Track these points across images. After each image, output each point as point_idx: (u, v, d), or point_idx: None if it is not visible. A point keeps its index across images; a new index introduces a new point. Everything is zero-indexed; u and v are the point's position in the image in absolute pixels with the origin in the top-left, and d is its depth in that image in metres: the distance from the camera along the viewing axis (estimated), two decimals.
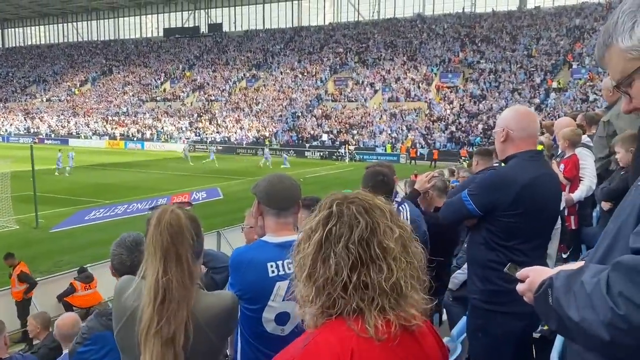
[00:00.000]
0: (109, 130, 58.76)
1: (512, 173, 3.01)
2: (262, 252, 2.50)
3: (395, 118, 47.55)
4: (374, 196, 1.46)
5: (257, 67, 64.09)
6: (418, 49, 57.42)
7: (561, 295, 1.28)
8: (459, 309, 4.87)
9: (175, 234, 1.92)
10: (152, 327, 1.87)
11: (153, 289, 1.90)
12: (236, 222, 14.16)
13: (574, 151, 5.23)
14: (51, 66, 79.74)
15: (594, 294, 1.20)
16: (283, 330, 2.50)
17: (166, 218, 1.94)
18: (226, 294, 2.18)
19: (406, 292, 1.37)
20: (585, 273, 1.26)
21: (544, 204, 3.01)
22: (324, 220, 1.38)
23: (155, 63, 72.55)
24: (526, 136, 3.06)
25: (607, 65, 1.45)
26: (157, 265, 1.91)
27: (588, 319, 1.19)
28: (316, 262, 1.36)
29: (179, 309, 1.90)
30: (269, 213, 2.59)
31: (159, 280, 1.89)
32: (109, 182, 28.05)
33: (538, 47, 50.90)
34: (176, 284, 1.90)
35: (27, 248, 14.68)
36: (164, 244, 1.92)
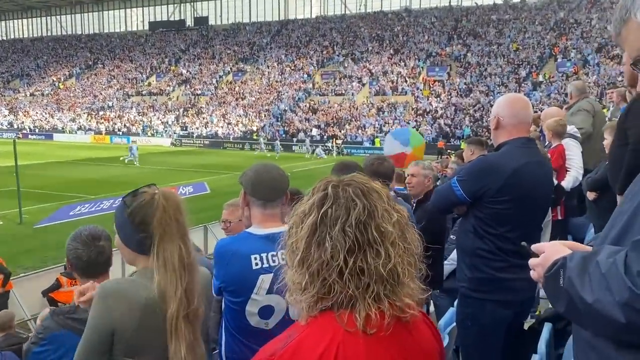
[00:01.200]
0: (94, 125, 58.17)
1: (501, 160, 3.00)
2: (246, 244, 2.46)
3: (382, 112, 47.58)
4: (370, 179, 1.40)
5: (243, 61, 63.77)
6: (405, 42, 57.47)
7: (574, 275, 1.23)
8: (446, 300, 4.87)
9: (182, 214, 1.96)
10: (182, 311, 1.86)
11: (179, 272, 1.89)
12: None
13: (559, 141, 5.25)
14: (35, 60, 78.66)
15: (610, 274, 1.16)
16: (267, 324, 2.47)
17: (172, 199, 1.96)
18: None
19: (403, 279, 1.31)
20: (601, 253, 1.22)
21: (533, 191, 3.00)
22: (318, 202, 1.32)
23: (140, 57, 71.88)
24: (517, 123, 3.05)
25: (623, 41, 1.40)
26: (180, 245, 1.91)
27: (602, 300, 1.15)
28: (310, 245, 1.29)
29: (196, 286, 1.95)
30: (255, 204, 2.54)
31: (184, 260, 1.90)
32: (94, 177, 27.78)
33: (524, 41, 51.17)
34: (185, 252, 1.93)
35: (12, 244, 14.49)
36: (181, 223, 1.94)
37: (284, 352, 1.24)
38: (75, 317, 2.32)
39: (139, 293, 1.88)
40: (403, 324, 1.32)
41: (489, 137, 14.54)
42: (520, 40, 51.31)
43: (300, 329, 1.28)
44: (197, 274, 1.97)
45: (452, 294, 4.48)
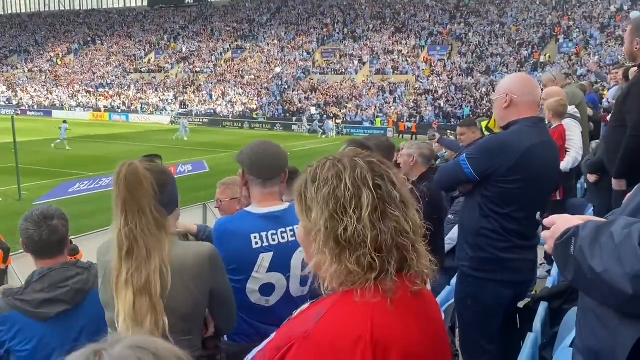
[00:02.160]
0: (93, 102, 57.86)
1: (513, 139, 2.96)
2: (245, 223, 2.45)
3: (382, 91, 47.33)
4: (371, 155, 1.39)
5: (243, 38, 63.20)
6: (406, 20, 56.92)
7: (586, 244, 1.23)
8: (443, 278, 4.88)
9: (132, 186, 1.91)
10: (122, 276, 1.88)
11: (117, 240, 1.91)
12: None
13: (560, 122, 5.22)
14: (32, 36, 77.91)
15: (623, 245, 1.15)
16: (268, 301, 2.48)
17: (123, 172, 1.91)
18: (205, 244, 2.15)
19: (419, 247, 1.31)
20: (616, 224, 1.22)
21: (542, 171, 2.99)
22: (336, 174, 1.29)
23: (139, 33, 71.20)
24: (530, 102, 3.03)
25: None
26: (120, 217, 1.91)
27: (611, 270, 1.15)
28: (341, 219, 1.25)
29: (148, 256, 1.90)
30: (255, 183, 2.52)
31: (122, 231, 1.90)
32: (93, 155, 27.75)
33: (526, 20, 50.70)
34: (141, 233, 1.90)
35: (11, 220, 14.47)
36: (123, 196, 1.91)
37: (318, 327, 1.22)
38: (24, 299, 2.32)
39: (106, 255, 2.02)
40: (419, 292, 1.32)
41: (486, 117, 14.33)
42: (522, 20, 50.82)
43: (328, 304, 1.26)
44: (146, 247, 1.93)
45: (449, 272, 4.49)
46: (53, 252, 2.43)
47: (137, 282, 1.87)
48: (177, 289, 1.94)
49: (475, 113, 38.75)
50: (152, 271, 1.89)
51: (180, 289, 1.95)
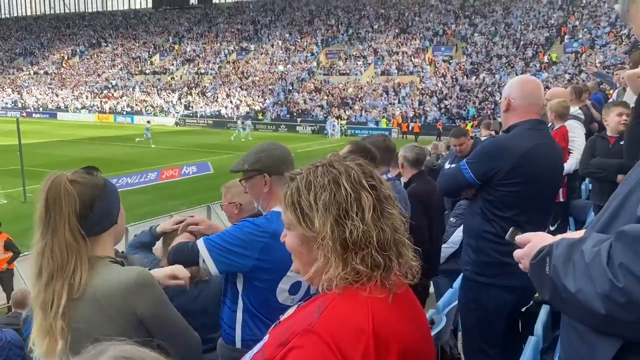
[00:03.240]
0: (98, 104, 58.08)
1: (511, 141, 2.98)
2: (280, 223, 2.45)
3: (387, 92, 47.29)
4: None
5: (247, 40, 63.30)
6: (411, 21, 56.87)
7: (559, 263, 1.21)
8: (445, 281, 4.89)
9: (51, 202, 1.81)
10: (33, 294, 1.83)
11: (33, 257, 1.84)
12: None
13: (562, 123, 5.20)
14: (38, 38, 78.33)
15: (593, 264, 1.13)
16: (293, 299, 2.49)
17: (46, 185, 1.83)
18: (134, 270, 1.92)
19: (406, 246, 1.34)
20: (586, 242, 1.20)
21: (542, 174, 2.97)
22: (334, 178, 1.31)
23: (144, 35, 71.47)
24: (528, 105, 3.02)
25: (632, 19, 1.35)
26: (37, 234, 1.83)
27: (584, 290, 1.13)
28: (340, 220, 1.28)
29: (50, 279, 1.80)
30: (280, 181, 2.49)
31: (37, 249, 1.82)
32: (98, 156, 27.83)
33: (531, 20, 50.55)
34: (49, 254, 1.80)
35: (16, 222, 14.56)
36: (39, 212, 1.82)
37: (320, 320, 1.22)
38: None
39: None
40: (407, 289, 1.36)
41: (493, 118, 14.42)
42: (527, 20, 50.68)
43: (329, 299, 1.27)
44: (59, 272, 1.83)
45: (451, 275, 4.48)
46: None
47: (41, 302, 1.80)
48: (94, 316, 1.81)
49: (480, 113, 38.69)
50: (56, 294, 1.78)
51: (98, 315, 1.81)
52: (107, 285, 1.83)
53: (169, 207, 16.34)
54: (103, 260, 1.89)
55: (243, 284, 2.52)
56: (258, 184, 2.56)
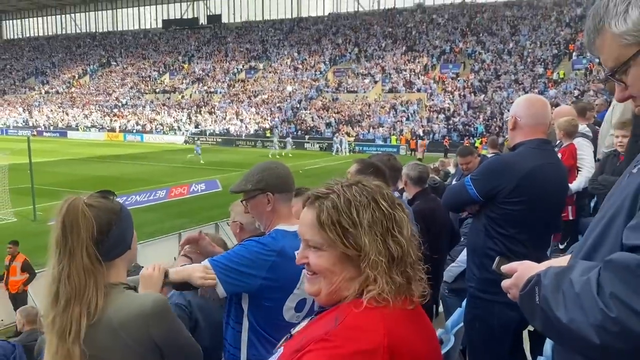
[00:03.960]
0: (107, 122, 58.62)
1: (516, 160, 3.00)
2: (287, 241, 2.45)
3: (395, 109, 47.42)
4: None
5: (256, 59, 63.87)
6: (418, 39, 57.20)
7: (549, 293, 1.20)
8: (454, 300, 4.85)
9: (68, 225, 1.81)
10: (48, 320, 1.80)
11: (48, 282, 1.83)
12: None
13: (571, 141, 5.18)
14: (49, 58, 79.49)
15: (583, 294, 1.13)
16: (298, 317, 2.49)
17: (63, 209, 1.83)
18: (150, 296, 1.94)
19: (418, 263, 1.38)
20: (574, 270, 1.19)
21: (546, 193, 2.98)
22: (361, 199, 1.35)
23: (154, 55, 72.32)
24: (534, 124, 3.03)
25: (598, 51, 1.35)
26: (53, 258, 1.83)
27: (577, 320, 1.12)
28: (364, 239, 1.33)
29: (68, 304, 1.79)
30: (282, 199, 2.56)
31: (53, 274, 1.81)
32: (107, 175, 28.01)
33: (539, 38, 50.69)
34: (66, 279, 1.79)
35: (25, 241, 14.62)
36: (56, 235, 1.82)
37: (337, 330, 1.24)
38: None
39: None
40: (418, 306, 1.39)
41: (502, 135, 14.40)
42: (535, 38, 50.83)
43: (347, 310, 1.28)
44: (75, 297, 1.82)
45: (460, 294, 4.45)
46: None
47: (57, 328, 1.78)
48: (111, 343, 1.81)
49: (489, 130, 38.66)
50: (73, 320, 1.77)
51: (114, 342, 1.81)
52: (123, 312, 1.82)
53: (177, 225, 16.38)
54: (118, 287, 1.89)
55: (248, 304, 2.51)
56: (261, 203, 2.57)
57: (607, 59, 1.33)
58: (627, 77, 1.31)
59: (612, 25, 1.27)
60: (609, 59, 1.33)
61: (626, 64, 1.29)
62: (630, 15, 1.24)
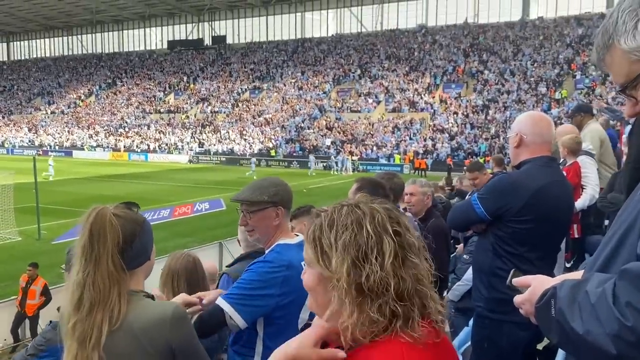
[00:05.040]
0: (112, 142, 58.94)
1: (524, 178, 2.96)
2: (292, 254, 2.47)
3: (398, 129, 47.57)
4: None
5: (260, 79, 64.35)
6: (421, 59, 57.58)
7: (565, 306, 1.20)
8: (461, 320, 4.82)
9: (96, 233, 1.85)
10: (69, 326, 1.82)
11: (71, 288, 1.85)
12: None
13: (575, 159, 5.18)
14: (56, 78, 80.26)
15: (599, 304, 1.12)
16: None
17: (91, 217, 1.87)
18: (169, 305, 2.01)
19: (431, 291, 1.28)
20: (590, 282, 1.19)
21: (554, 211, 2.96)
22: (357, 220, 1.27)
23: (159, 75, 72.94)
24: (540, 142, 3.02)
25: (608, 67, 1.37)
26: (78, 264, 1.86)
27: (593, 331, 1.11)
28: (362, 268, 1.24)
29: (91, 310, 1.82)
30: (286, 215, 2.64)
31: (77, 279, 1.84)
32: (112, 194, 28.05)
33: (542, 58, 50.96)
34: (91, 285, 1.83)
35: (30, 259, 14.60)
36: (83, 242, 1.85)
37: None
38: None
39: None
40: (437, 335, 1.27)
41: (504, 154, 14.34)
42: (537, 58, 51.11)
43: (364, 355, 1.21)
44: (99, 304, 1.85)
45: (467, 313, 4.42)
46: None
47: (78, 334, 1.80)
48: (130, 349, 1.84)
49: (492, 150, 38.67)
50: (95, 326, 1.80)
51: (134, 349, 1.84)
52: (144, 319, 1.86)
53: (181, 244, 16.36)
54: (138, 295, 1.94)
55: (264, 325, 2.48)
56: (270, 216, 2.57)
57: (618, 75, 1.35)
58: (637, 92, 1.33)
59: (621, 42, 1.29)
60: (619, 75, 1.34)
61: (636, 79, 1.30)
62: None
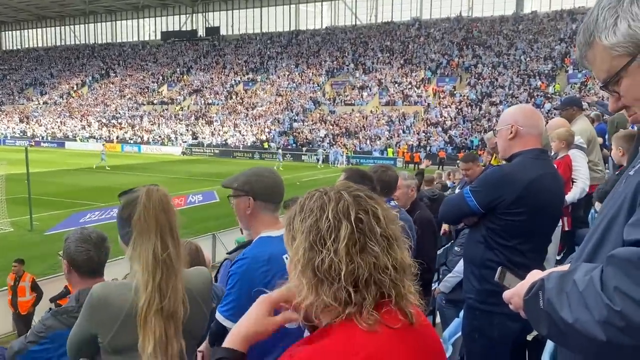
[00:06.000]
0: (105, 133, 58.63)
1: (517, 171, 2.97)
2: (273, 246, 2.44)
3: (392, 122, 47.59)
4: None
5: (254, 71, 64.13)
6: (415, 52, 57.54)
7: (553, 296, 1.21)
8: (452, 311, 4.86)
9: (167, 209, 1.93)
10: (153, 305, 1.84)
11: (152, 266, 1.87)
12: (232, 225, 14.13)
13: (567, 152, 5.21)
14: (48, 69, 79.63)
15: (587, 291, 1.14)
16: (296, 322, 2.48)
17: (156, 195, 1.94)
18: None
19: (404, 277, 1.28)
20: (577, 272, 1.21)
21: (546, 203, 2.98)
22: (334, 207, 1.28)
23: (152, 66, 72.53)
24: (535, 134, 3.04)
25: (590, 64, 1.40)
26: (155, 241, 1.89)
27: (582, 319, 1.13)
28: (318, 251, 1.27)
29: (177, 282, 1.90)
30: (267, 209, 2.59)
31: (158, 256, 1.87)
32: (105, 185, 27.94)
33: (535, 52, 51.05)
34: (176, 259, 1.91)
35: (22, 250, 14.58)
36: (160, 219, 1.90)
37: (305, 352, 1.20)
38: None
39: (125, 297, 1.90)
40: (411, 322, 1.28)
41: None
42: (530, 52, 51.20)
43: (318, 337, 1.24)
44: (176, 272, 1.92)
45: (457, 305, 4.45)
46: (101, 272, 2.54)
47: (167, 310, 1.85)
48: (194, 312, 1.97)
49: (485, 143, 38.80)
50: (180, 297, 1.90)
51: (196, 311, 2.00)
52: (199, 285, 2.09)
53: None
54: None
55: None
56: (242, 204, 2.61)
57: (600, 71, 1.38)
58: (619, 87, 1.36)
59: (602, 38, 1.32)
60: (601, 71, 1.37)
61: (617, 74, 1.33)
62: (619, 27, 1.29)
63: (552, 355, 2.89)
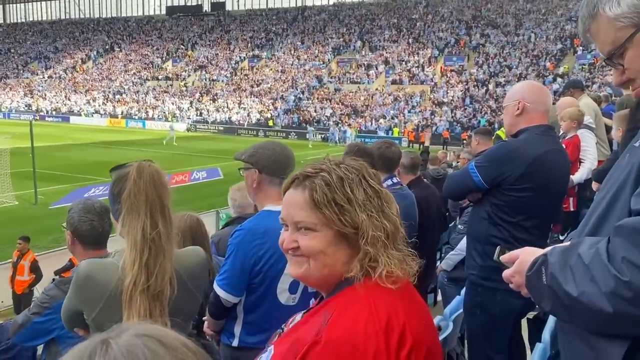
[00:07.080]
0: (110, 108, 58.55)
1: (523, 146, 2.94)
2: (271, 221, 2.42)
3: (398, 101, 47.30)
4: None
5: (259, 48, 63.66)
6: (423, 31, 56.94)
7: (557, 270, 1.20)
8: (453, 289, 4.86)
9: (159, 186, 1.87)
10: (139, 284, 1.79)
11: (139, 244, 1.82)
12: None
13: (575, 132, 5.15)
14: (53, 43, 79.20)
15: (593, 264, 1.12)
16: (294, 298, 2.50)
17: (147, 170, 1.88)
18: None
19: (398, 243, 1.33)
20: (581, 245, 1.19)
21: (552, 180, 2.96)
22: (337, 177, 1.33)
23: (157, 41, 72.07)
24: (542, 110, 3.01)
25: (594, 37, 1.38)
26: (144, 219, 1.83)
27: (588, 292, 1.12)
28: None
29: (165, 262, 1.84)
30: (273, 182, 2.57)
31: (147, 234, 1.82)
32: (109, 160, 27.96)
33: (544, 32, 50.45)
34: (165, 238, 1.85)
35: (26, 224, 14.70)
36: (150, 196, 1.85)
37: (329, 329, 1.19)
38: None
39: (110, 275, 1.85)
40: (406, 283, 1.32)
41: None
42: (540, 32, 50.59)
43: (333, 306, 1.25)
44: (165, 251, 1.85)
45: (459, 283, 4.45)
46: (105, 244, 2.53)
47: (153, 289, 1.80)
48: (181, 293, 1.90)
49: (492, 124, 38.55)
50: (167, 277, 1.84)
51: (184, 292, 1.92)
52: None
53: (178, 211, 16.38)
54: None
55: (245, 295, 2.52)
56: (250, 177, 2.62)
57: (604, 43, 1.36)
58: (623, 60, 1.34)
59: (606, 9, 1.31)
60: (605, 43, 1.36)
61: (622, 46, 1.32)
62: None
63: (553, 332, 2.88)
